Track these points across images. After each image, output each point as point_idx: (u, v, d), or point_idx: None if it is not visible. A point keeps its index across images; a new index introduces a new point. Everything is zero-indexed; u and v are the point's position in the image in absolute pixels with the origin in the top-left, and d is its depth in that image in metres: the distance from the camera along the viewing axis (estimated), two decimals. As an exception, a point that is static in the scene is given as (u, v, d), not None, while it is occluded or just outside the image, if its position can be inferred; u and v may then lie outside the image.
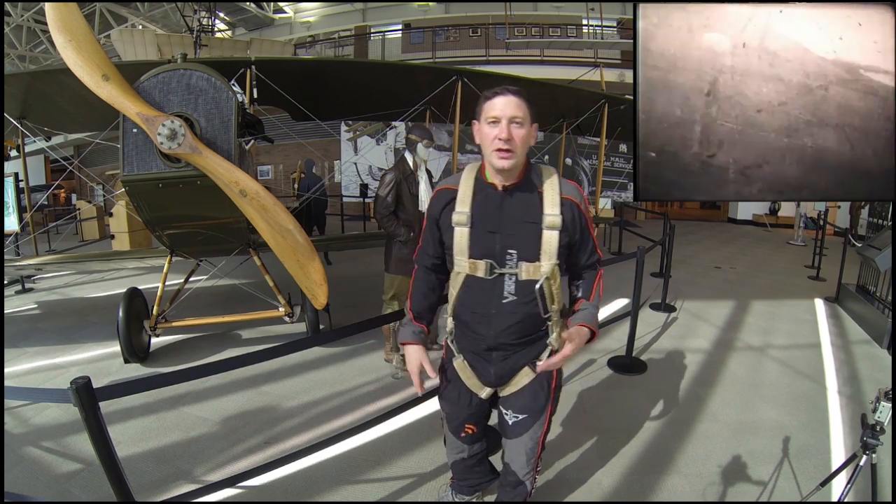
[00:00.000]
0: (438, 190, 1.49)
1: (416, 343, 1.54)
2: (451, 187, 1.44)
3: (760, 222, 12.31)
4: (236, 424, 2.69)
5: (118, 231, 8.25)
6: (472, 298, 1.42)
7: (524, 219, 1.37)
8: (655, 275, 5.89)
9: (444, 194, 1.46)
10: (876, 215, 9.58)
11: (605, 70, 7.70)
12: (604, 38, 11.35)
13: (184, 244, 3.55)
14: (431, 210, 1.49)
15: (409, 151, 3.32)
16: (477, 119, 1.38)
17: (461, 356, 1.53)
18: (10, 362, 3.58)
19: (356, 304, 4.80)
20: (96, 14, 11.70)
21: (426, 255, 1.55)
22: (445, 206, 1.43)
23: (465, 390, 1.56)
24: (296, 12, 15.29)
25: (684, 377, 3.29)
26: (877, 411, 1.53)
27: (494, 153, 1.31)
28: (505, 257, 1.37)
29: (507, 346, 1.44)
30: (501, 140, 1.29)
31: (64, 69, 2.71)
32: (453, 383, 1.58)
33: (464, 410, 1.60)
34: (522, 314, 1.39)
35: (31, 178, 5.99)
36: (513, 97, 1.32)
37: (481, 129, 1.36)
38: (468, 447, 1.71)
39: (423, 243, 1.56)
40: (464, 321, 1.47)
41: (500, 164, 1.32)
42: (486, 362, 1.48)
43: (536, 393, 1.50)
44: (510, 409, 1.53)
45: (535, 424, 1.53)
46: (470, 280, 1.40)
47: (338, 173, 13.37)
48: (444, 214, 1.43)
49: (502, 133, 1.29)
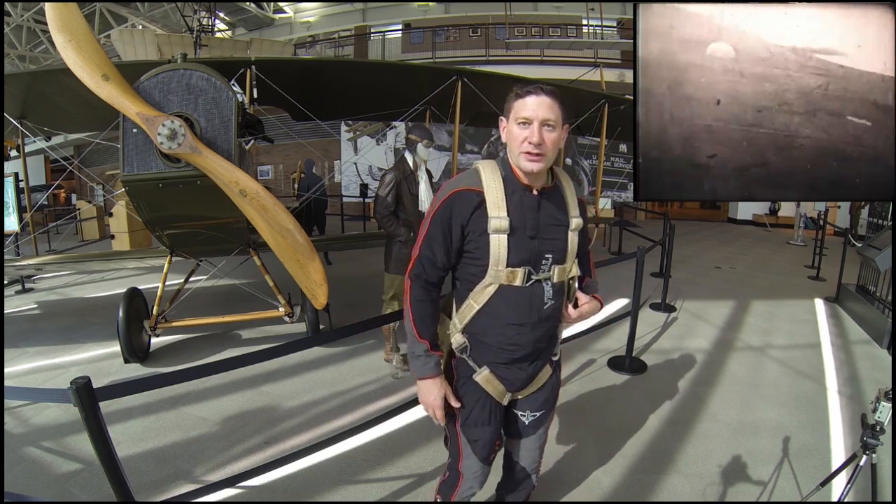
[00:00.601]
0: (458, 192, 1.28)
1: (437, 376, 1.36)
2: (475, 189, 1.27)
3: (760, 222, 12.31)
4: (236, 424, 2.69)
5: (118, 231, 8.25)
6: (510, 310, 1.31)
7: (557, 222, 1.34)
8: (655, 275, 5.89)
9: (467, 197, 1.27)
10: (876, 215, 9.58)
11: (605, 70, 7.69)
12: (604, 38, 11.35)
13: (184, 244, 3.55)
14: (451, 215, 1.29)
15: (409, 151, 3.32)
16: (505, 116, 1.29)
17: (485, 369, 1.38)
18: (10, 362, 3.58)
19: (356, 304, 4.80)
20: (96, 14, 11.70)
21: (434, 269, 1.34)
22: (475, 211, 1.27)
23: (494, 404, 1.42)
24: (296, 12, 15.29)
25: (684, 377, 3.29)
26: (877, 411, 1.53)
27: (523, 155, 1.23)
28: (541, 262, 1.31)
29: (542, 349, 1.40)
30: (532, 144, 1.21)
31: (64, 69, 2.71)
32: (481, 402, 1.41)
33: (496, 427, 1.47)
34: (557, 316, 1.39)
35: (31, 178, 5.99)
36: (546, 97, 1.21)
37: (510, 129, 1.26)
38: (488, 468, 1.53)
39: (426, 254, 1.33)
40: (492, 335, 1.34)
41: (528, 168, 1.24)
42: (519, 370, 1.39)
43: (553, 386, 1.51)
44: (528, 408, 1.48)
45: (548, 418, 1.54)
46: (504, 290, 1.29)
47: (338, 173, 13.37)
48: (475, 220, 1.27)
49: (533, 137, 1.20)
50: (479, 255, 1.29)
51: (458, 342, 1.38)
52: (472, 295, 1.33)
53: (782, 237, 10.37)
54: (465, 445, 1.46)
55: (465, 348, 1.38)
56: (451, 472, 1.54)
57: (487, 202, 1.26)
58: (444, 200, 1.30)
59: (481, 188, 1.27)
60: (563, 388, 3.10)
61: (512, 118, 1.25)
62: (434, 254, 1.32)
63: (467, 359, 1.39)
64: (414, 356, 1.36)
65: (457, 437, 1.46)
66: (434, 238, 1.31)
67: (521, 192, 1.29)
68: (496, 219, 1.25)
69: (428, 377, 1.35)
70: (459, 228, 1.29)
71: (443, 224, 1.30)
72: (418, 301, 1.36)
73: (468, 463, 1.48)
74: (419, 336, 1.35)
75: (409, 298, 1.37)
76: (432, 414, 1.39)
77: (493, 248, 1.26)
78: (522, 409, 1.49)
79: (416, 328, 1.35)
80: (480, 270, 1.30)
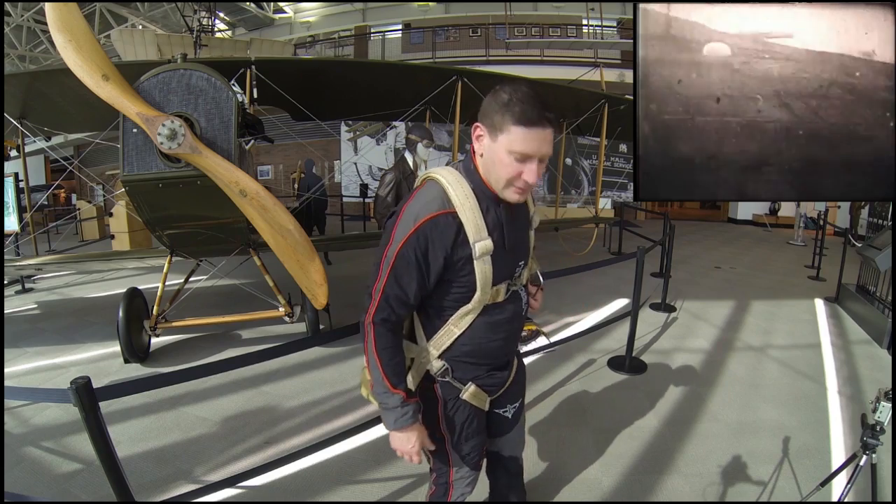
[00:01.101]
0: (432, 218, 1.11)
1: (417, 422, 1.24)
2: (448, 211, 1.12)
3: (760, 222, 12.31)
4: (236, 424, 2.69)
5: (118, 231, 8.25)
6: (494, 327, 1.25)
7: (524, 226, 1.30)
8: (655, 275, 5.89)
9: (444, 222, 1.11)
10: (876, 215, 9.59)
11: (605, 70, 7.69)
12: (604, 38, 11.35)
13: (184, 244, 3.55)
14: (426, 247, 1.12)
15: (409, 151, 3.32)
16: (492, 128, 1.08)
17: (471, 385, 1.31)
18: (10, 362, 3.58)
19: (356, 304, 4.79)
20: (96, 14, 11.71)
21: (405, 308, 1.19)
22: (457, 238, 1.12)
23: (481, 414, 1.39)
24: (296, 12, 15.29)
25: (684, 377, 3.29)
26: (877, 411, 1.53)
27: (514, 190, 1.12)
28: (515, 272, 1.26)
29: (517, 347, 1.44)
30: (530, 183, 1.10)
31: (64, 69, 2.71)
32: (470, 418, 1.35)
33: (484, 434, 1.45)
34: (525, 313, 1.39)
35: (31, 178, 5.99)
36: (549, 130, 1.06)
37: (499, 154, 1.08)
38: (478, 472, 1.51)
39: (395, 294, 1.16)
40: (478, 354, 1.28)
41: (514, 200, 1.14)
42: (501, 375, 1.38)
43: (522, 372, 1.51)
44: (507, 403, 1.46)
45: (524, 402, 1.56)
46: (488, 309, 1.22)
47: (338, 173, 13.37)
48: (458, 247, 1.13)
49: (532, 177, 1.08)
50: (463, 283, 1.18)
51: (437, 367, 1.27)
52: (451, 321, 1.23)
53: (782, 237, 10.37)
54: (457, 461, 1.41)
55: (446, 371, 1.28)
56: (440, 486, 1.49)
57: (465, 225, 1.11)
58: (414, 230, 1.11)
59: (454, 209, 1.12)
60: (563, 388, 3.11)
61: (503, 144, 1.07)
62: (406, 292, 1.16)
63: (451, 381, 1.29)
64: (388, 408, 1.21)
65: (446, 454, 1.40)
66: (404, 274, 1.14)
67: (493, 206, 1.17)
68: (481, 242, 1.12)
69: (408, 427, 1.23)
70: (441, 260, 1.13)
71: (417, 257, 1.12)
72: (386, 349, 1.19)
73: (461, 474, 1.44)
74: (393, 388, 1.20)
75: (374, 347, 1.19)
76: (408, 460, 1.28)
77: (480, 274, 1.15)
78: (502, 405, 1.45)
79: (388, 380, 1.19)
80: (464, 296, 1.19)
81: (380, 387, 1.21)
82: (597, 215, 7.09)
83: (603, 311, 4.79)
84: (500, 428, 1.50)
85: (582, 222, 7.68)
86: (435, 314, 1.25)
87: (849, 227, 9.38)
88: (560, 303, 4.92)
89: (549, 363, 3.46)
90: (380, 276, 1.17)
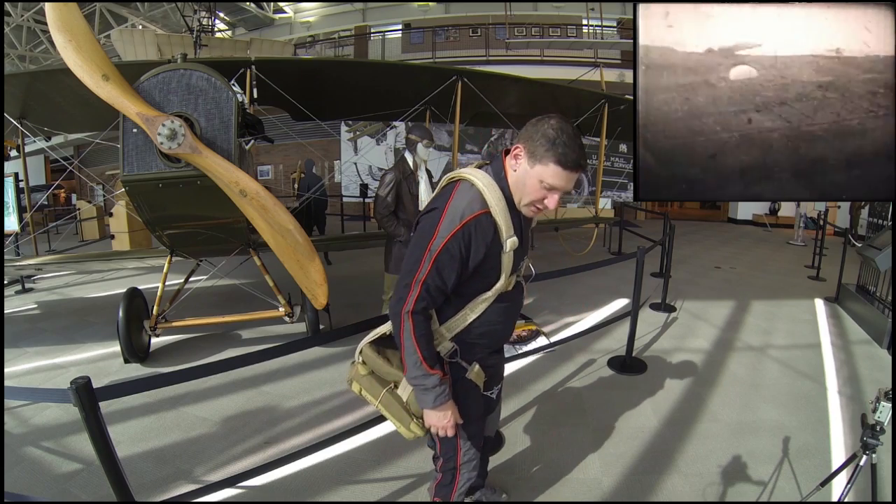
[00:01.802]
0: (477, 217, 1.26)
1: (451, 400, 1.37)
2: (486, 211, 1.27)
3: (760, 222, 12.31)
4: (236, 424, 2.69)
5: (118, 231, 8.25)
6: (503, 313, 1.42)
7: (528, 225, 1.47)
8: (655, 275, 5.89)
9: (486, 221, 1.27)
10: (876, 215, 9.59)
11: (605, 70, 7.69)
12: (604, 38, 11.36)
13: (184, 244, 3.55)
14: (470, 242, 1.26)
15: (409, 151, 3.32)
16: (532, 156, 1.23)
17: (475, 364, 1.44)
18: (10, 362, 3.58)
19: (356, 304, 4.80)
20: (96, 14, 11.71)
21: (442, 296, 1.32)
22: (494, 234, 1.29)
23: (481, 395, 1.51)
24: (296, 12, 15.29)
25: (684, 377, 3.29)
26: (877, 411, 1.53)
27: (532, 208, 1.31)
28: (520, 264, 1.44)
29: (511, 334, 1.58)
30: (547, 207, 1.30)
31: (64, 69, 2.71)
32: (473, 396, 1.47)
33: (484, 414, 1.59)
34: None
35: (31, 178, 5.99)
36: (580, 174, 1.27)
37: (530, 180, 1.25)
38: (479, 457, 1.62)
39: (436, 284, 1.28)
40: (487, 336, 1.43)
41: (528, 215, 1.35)
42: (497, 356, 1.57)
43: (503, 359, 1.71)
44: (493, 385, 1.60)
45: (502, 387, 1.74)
46: (501, 296, 1.40)
47: (338, 173, 13.37)
48: (494, 242, 1.30)
49: (552, 204, 1.28)
50: (490, 273, 1.34)
51: (448, 348, 1.40)
52: (469, 306, 1.37)
53: (782, 237, 10.37)
54: (465, 442, 1.51)
55: (455, 352, 1.41)
56: (446, 472, 1.57)
57: (499, 223, 1.28)
58: (460, 227, 1.25)
59: (489, 209, 1.27)
60: (564, 388, 3.11)
61: (538, 173, 1.23)
62: (445, 283, 1.29)
63: (459, 361, 1.42)
64: (427, 389, 1.31)
65: (455, 437, 1.47)
66: (446, 266, 1.26)
67: (513, 209, 1.33)
68: (511, 239, 1.30)
69: (444, 405, 1.34)
70: (482, 254, 1.28)
71: (461, 251, 1.26)
72: (423, 336, 1.29)
73: (468, 457, 1.54)
74: (431, 369, 1.30)
75: (413, 335, 1.27)
76: (444, 433, 1.39)
77: (505, 265, 1.33)
78: (489, 388, 1.56)
79: (426, 363, 1.29)
80: (487, 285, 1.35)
81: (417, 370, 1.30)
82: (597, 215, 7.10)
83: (603, 311, 4.79)
84: (487, 407, 1.61)
85: (582, 222, 7.68)
86: (454, 300, 1.37)
87: (849, 227, 9.38)
88: (560, 303, 4.93)
89: (549, 363, 3.46)
90: (421, 268, 1.27)
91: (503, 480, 2.17)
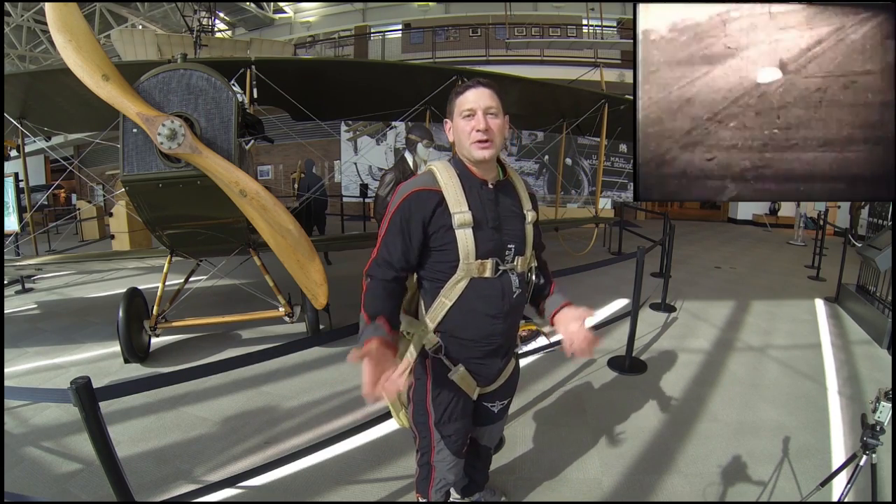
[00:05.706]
0: (416, 191, 1.31)
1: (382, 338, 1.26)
2: (432, 188, 1.31)
3: (760, 222, 12.31)
4: (236, 424, 2.69)
5: (118, 231, 8.25)
6: (483, 301, 1.35)
7: (515, 213, 1.40)
8: (655, 275, 5.89)
9: (426, 196, 1.30)
10: (876, 215, 9.60)
11: (605, 70, 7.69)
12: (604, 38, 11.35)
13: (184, 244, 3.55)
14: (410, 215, 1.30)
15: (409, 151, 3.32)
16: (449, 117, 1.37)
17: (460, 366, 1.41)
18: (10, 362, 3.58)
19: (356, 304, 4.77)
20: (96, 14, 11.71)
21: (389, 268, 1.33)
22: (437, 209, 1.30)
23: (467, 399, 1.47)
24: (296, 12, 15.29)
25: (684, 377, 3.29)
26: (877, 411, 1.53)
27: (474, 145, 1.30)
28: (505, 253, 1.36)
29: (512, 339, 1.49)
30: (480, 131, 1.28)
31: (64, 69, 2.71)
32: (455, 399, 1.45)
33: (469, 420, 1.53)
34: (523, 305, 1.47)
35: (31, 178, 5.99)
36: (485, 89, 1.30)
37: (456, 125, 1.34)
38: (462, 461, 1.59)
39: (385, 253, 1.34)
40: (468, 329, 1.37)
41: (480, 156, 1.30)
42: (493, 363, 1.45)
43: (516, 375, 1.60)
44: (497, 399, 1.57)
45: (510, 404, 1.66)
46: (476, 282, 1.33)
47: (338, 173, 13.37)
48: (438, 217, 1.30)
49: (479, 124, 1.28)
50: (447, 251, 1.32)
51: (432, 342, 1.39)
52: (443, 292, 1.35)
53: (782, 237, 10.37)
54: (439, 441, 1.50)
55: (439, 348, 1.40)
56: (423, 466, 1.58)
57: (448, 200, 1.30)
58: (402, 201, 1.32)
59: (439, 187, 1.31)
60: (563, 388, 3.11)
61: (456, 115, 1.33)
62: (391, 254, 1.33)
63: (443, 358, 1.40)
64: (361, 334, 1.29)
65: (429, 432, 1.49)
66: (392, 239, 1.33)
67: (477, 187, 1.34)
68: (459, 214, 1.29)
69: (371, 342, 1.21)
70: (420, 226, 1.31)
71: (402, 224, 1.32)
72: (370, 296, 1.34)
73: (441, 456, 1.52)
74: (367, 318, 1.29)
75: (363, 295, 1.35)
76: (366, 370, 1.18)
77: (461, 243, 1.30)
78: (491, 400, 1.56)
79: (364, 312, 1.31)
80: (450, 266, 1.33)
81: (361, 324, 1.33)
82: (597, 215, 7.10)
83: (603, 311, 4.79)
84: (485, 419, 1.61)
85: (582, 222, 7.68)
86: (430, 286, 1.39)
87: (849, 227, 9.38)
88: (560, 303, 4.91)
89: (549, 363, 3.46)
90: (378, 240, 1.37)
91: (503, 481, 2.17)
